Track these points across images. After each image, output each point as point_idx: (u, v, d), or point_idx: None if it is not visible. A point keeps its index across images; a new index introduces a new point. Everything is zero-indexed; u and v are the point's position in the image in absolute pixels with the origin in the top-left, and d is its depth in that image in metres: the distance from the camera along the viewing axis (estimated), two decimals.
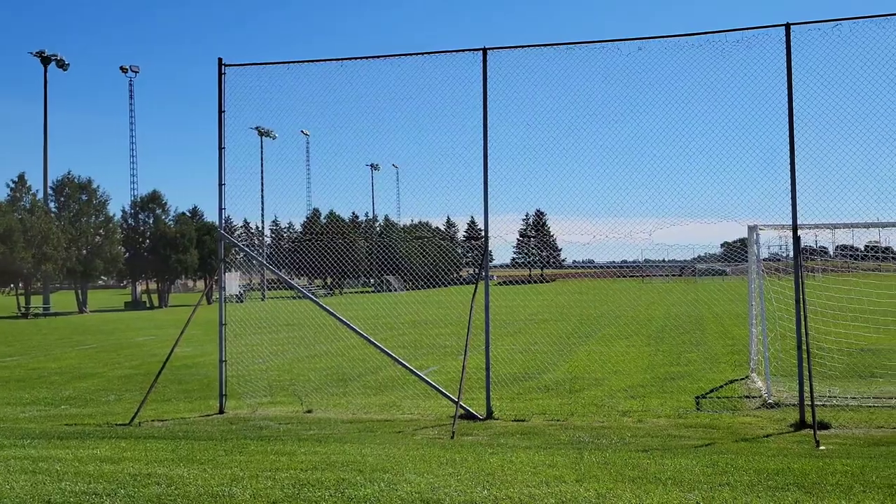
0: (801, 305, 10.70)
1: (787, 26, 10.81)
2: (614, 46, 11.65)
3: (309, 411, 12.69)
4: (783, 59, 10.91)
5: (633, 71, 11.95)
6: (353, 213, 75.09)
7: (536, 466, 7.50)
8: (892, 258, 20.36)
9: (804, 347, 10.54)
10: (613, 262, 48.74)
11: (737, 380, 14.75)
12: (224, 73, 13.01)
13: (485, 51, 11.92)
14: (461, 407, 11.57)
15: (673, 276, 50.29)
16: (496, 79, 12.11)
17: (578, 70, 12.08)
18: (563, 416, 11.71)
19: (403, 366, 12.62)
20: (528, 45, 11.59)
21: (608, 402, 12.79)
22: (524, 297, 44.64)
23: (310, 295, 13.55)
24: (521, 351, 19.16)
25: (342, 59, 12.66)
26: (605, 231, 13.26)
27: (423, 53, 12.29)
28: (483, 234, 12.25)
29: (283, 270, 19.19)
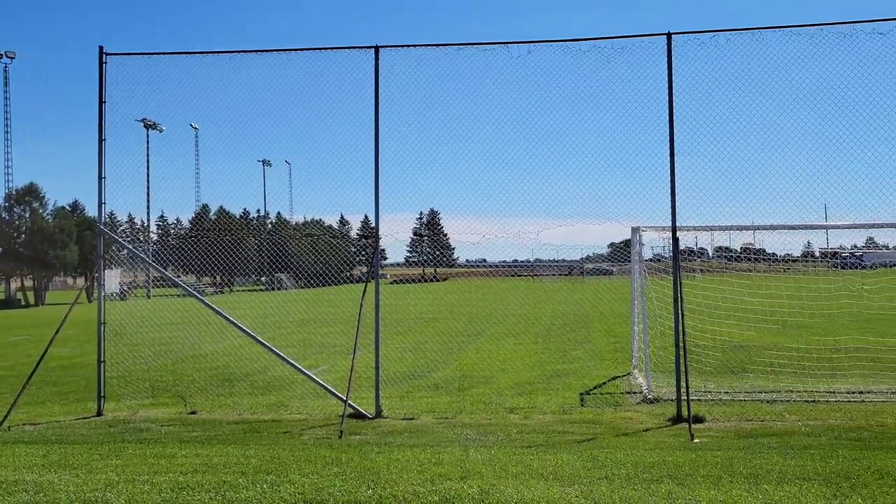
0: (679, 304, 11.14)
1: (669, 35, 11.23)
2: (504, 48, 11.80)
3: (193, 412, 12.34)
4: (664, 67, 11.32)
5: (523, 73, 12.16)
6: (245, 210, 73.51)
7: (423, 464, 7.54)
8: (765, 259, 21.48)
9: (681, 345, 10.99)
10: (505, 261, 49.55)
11: (619, 376, 15.21)
12: (105, 63, 12.49)
13: (377, 48, 11.88)
14: (350, 406, 11.50)
15: (562, 275, 51.49)
16: (389, 77, 12.09)
17: (470, 70, 12.20)
18: (452, 414, 11.80)
19: (291, 365, 12.44)
20: (421, 45, 11.62)
21: (496, 399, 12.96)
22: (417, 295, 44.78)
23: (194, 293, 13.18)
24: (411, 349, 19.21)
25: (232, 52, 12.36)
26: (495, 231, 13.46)
27: (315, 49, 12.15)
28: (376, 232, 12.21)
29: (170, 267, 18.61)
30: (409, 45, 11.65)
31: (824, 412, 11.40)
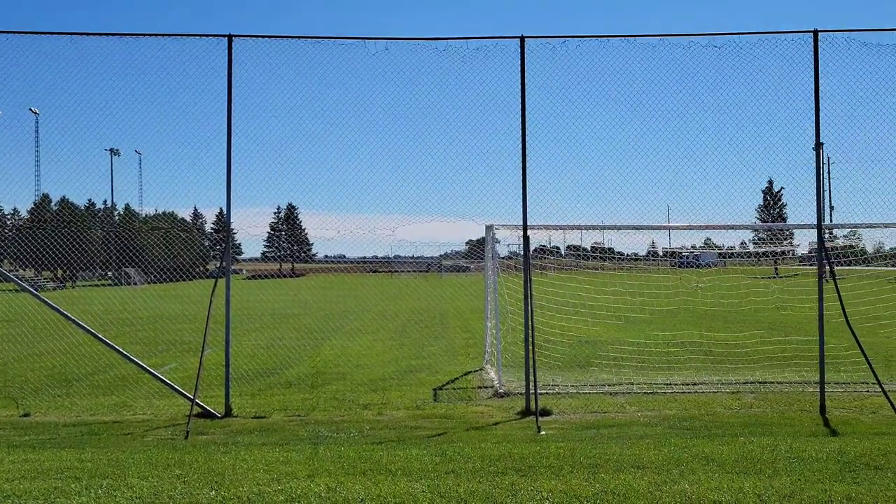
0: (529, 301, 11.47)
1: (522, 39, 11.51)
2: (361, 43, 11.75)
3: (26, 415, 11.59)
4: (518, 69, 11.59)
5: (380, 69, 12.16)
6: (90, 201, 69.55)
7: (270, 464, 7.40)
8: (613, 258, 22.44)
9: (531, 340, 11.32)
10: (364, 257, 49.46)
11: (473, 371, 15.49)
12: None
13: (230, 37, 11.53)
14: (197, 405, 11.14)
15: (420, 272, 51.91)
16: (245, 68, 11.78)
17: (327, 64, 12.08)
18: (305, 412, 11.66)
19: (136, 363, 11.91)
20: (276, 36, 11.38)
21: (350, 396, 12.91)
22: (273, 291, 43.93)
23: (28, 287, 12.37)
24: (265, 346, 18.82)
25: (74, 34, 11.66)
26: (351, 226, 13.41)
27: (166, 35, 11.66)
28: (227, 226, 11.88)
29: (6, 261, 17.36)
30: (264, 36, 11.39)
31: (661, 403, 12.04)
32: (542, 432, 9.94)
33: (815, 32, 11.17)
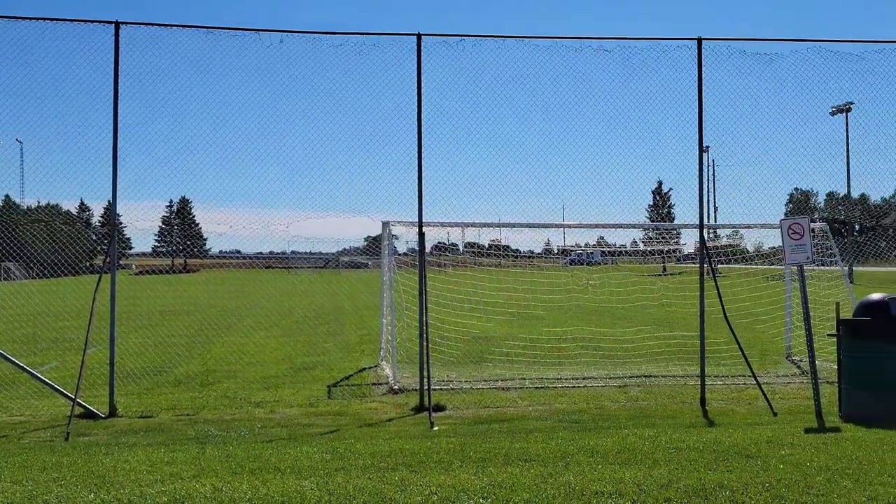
0: (424, 297, 11.53)
1: (419, 36, 11.54)
2: (256, 36, 11.53)
3: None
4: (415, 65, 11.61)
5: (275, 62, 11.97)
6: None
7: (154, 464, 7.19)
8: (508, 255, 22.79)
9: (425, 336, 11.39)
10: (260, 252, 48.51)
11: (368, 368, 15.46)
12: None
13: (117, 24, 11.12)
14: (79, 405, 10.71)
15: (317, 268, 51.38)
16: (133, 56, 11.38)
17: (222, 55, 11.81)
18: (194, 411, 11.38)
19: (12, 362, 11.34)
20: (165, 24, 11.05)
21: (241, 394, 12.68)
22: (164, 287, 42.62)
23: None
24: (154, 344, 18.25)
25: None
26: (244, 221, 13.16)
27: (49, 19, 11.11)
28: (112, 219, 11.45)
29: None
30: (153, 24, 11.03)
31: (552, 397, 12.33)
32: (435, 428, 10.02)
33: (699, 40, 11.64)
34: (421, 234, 11.87)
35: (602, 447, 7.80)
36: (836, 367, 10.62)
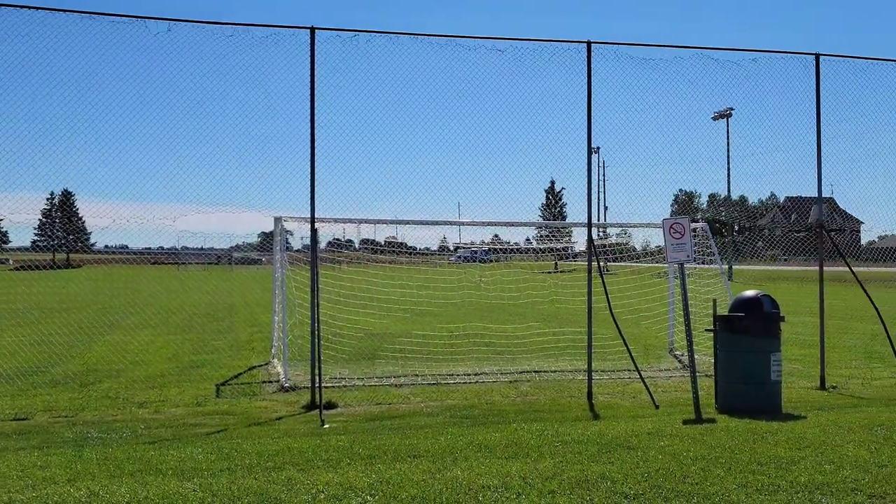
0: (316, 293, 11.41)
1: (312, 30, 11.38)
2: (142, 23, 11.13)
3: None
4: (307, 59, 11.44)
5: (162, 51, 11.58)
6: None
7: (25, 469, 6.85)
8: (404, 252, 22.83)
9: (317, 333, 11.27)
10: (149, 248, 46.92)
11: (259, 365, 15.19)
12: None
13: None
14: None
15: (209, 263, 50.14)
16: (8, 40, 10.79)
17: (104, 42, 11.33)
18: (73, 412, 10.90)
19: None
20: (40, 7, 10.48)
21: (125, 394, 12.23)
22: (44, 283, 40.66)
23: None
24: (30, 343, 17.36)
25: None
26: (129, 215, 12.70)
27: None
28: None
29: None
30: (24, 7, 10.44)
31: (444, 393, 12.41)
32: (326, 425, 9.94)
33: (588, 43, 11.94)
34: (313, 230, 11.73)
35: (491, 442, 7.91)
36: (713, 360, 11.12)
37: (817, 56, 12.88)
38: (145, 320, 23.94)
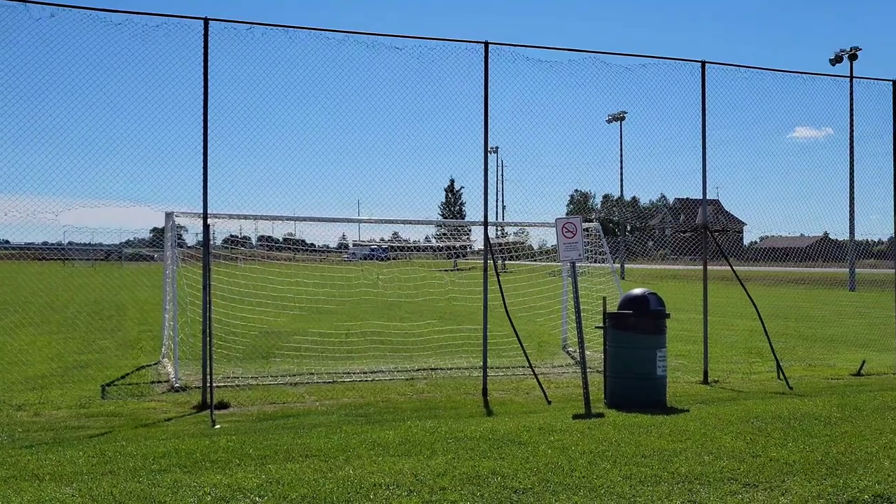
0: (208, 291, 11.13)
1: (206, 21, 11.08)
2: (24, 6, 10.59)
3: None
4: (201, 51, 11.15)
5: (44, 37, 11.05)
6: None
7: None
8: (303, 249, 22.54)
9: (209, 332, 11.00)
10: (32, 243, 44.72)
11: (149, 365, 14.71)
12: None
13: None
14: None
15: (98, 259, 48.26)
16: None
17: None
18: None
19: None
20: None
21: (2, 396, 11.63)
22: None
23: None
24: None
25: None
26: (6, 207, 12.07)
27: None
28: None
29: None
30: None
31: (340, 391, 12.33)
32: (217, 426, 9.72)
33: (486, 44, 12.08)
34: (206, 226, 11.45)
35: (384, 440, 7.91)
36: (603, 357, 11.44)
37: (703, 63, 13.42)
38: (26, 318, 22.81)
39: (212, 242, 17.34)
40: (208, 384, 10.90)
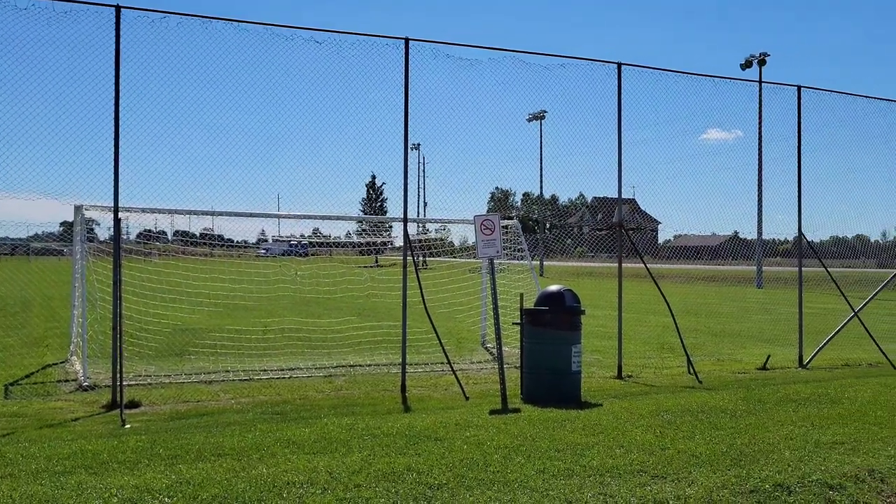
0: (119, 287, 10.81)
1: (117, 8, 10.75)
2: None
3: None
4: (113, 39, 10.79)
5: None
6: None
7: None
8: (221, 245, 22.10)
9: (119, 329, 10.68)
10: None
11: (56, 363, 14.21)
12: None
13: None
14: None
15: (3, 254, 46.31)
16: None
17: None
18: None
19: None
20: None
21: None
22: None
23: None
24: None
25: None
26: None
27: None
28: None
29: None
30: None
31: (257, 389, 12.15)
32: (127, 426, 9.46)
33: (406, 40, 12.06)
34: (116, 220, 11.10)
35: (300, 437, 7.84)
36: (520, 352, 11.59)
37: (619, 65, 13.71)
38: None
39: (125, 237, 16.87)
40: (118, 382, 10.59)
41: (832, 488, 6.50)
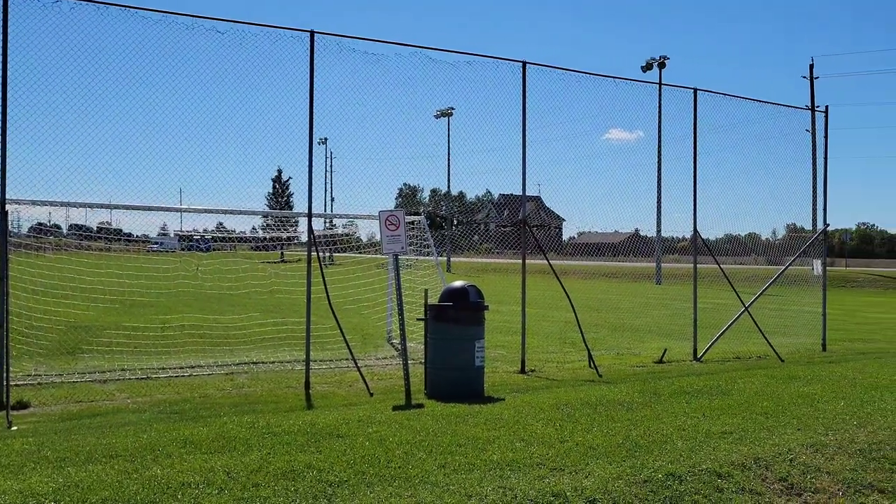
0: (5, 282, 10.33)
1: None
2: None
3: None
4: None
5: None
6: None
7: None
8: (120, 239, 21.36)
9: (6, 325, 10.21)
10: None
11: None
12: None
13: None
14: None
15: None
16: None
17: None
18: None
19: None
20: None
21: None
22: None
23: None
24: None
25: None
26: None
27: None
28: None
29: None
30: None
31: (154, 388, 11.81)
32: (14, 427, 9.05)
33: (312, 33, 11.91)
34: (3, 213, 10.58)
35: (197, 437, 7.65)
36: (424, 348, 11.62)
37: (524, 63, 13.90)
38: None
39: (15, 230, 16.06)
40: (5, 382, 10.12)
41: (720, 476, 6.77)
